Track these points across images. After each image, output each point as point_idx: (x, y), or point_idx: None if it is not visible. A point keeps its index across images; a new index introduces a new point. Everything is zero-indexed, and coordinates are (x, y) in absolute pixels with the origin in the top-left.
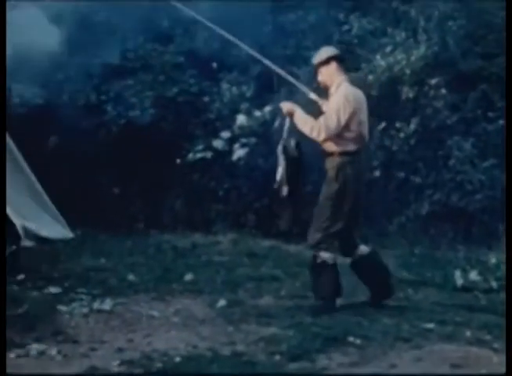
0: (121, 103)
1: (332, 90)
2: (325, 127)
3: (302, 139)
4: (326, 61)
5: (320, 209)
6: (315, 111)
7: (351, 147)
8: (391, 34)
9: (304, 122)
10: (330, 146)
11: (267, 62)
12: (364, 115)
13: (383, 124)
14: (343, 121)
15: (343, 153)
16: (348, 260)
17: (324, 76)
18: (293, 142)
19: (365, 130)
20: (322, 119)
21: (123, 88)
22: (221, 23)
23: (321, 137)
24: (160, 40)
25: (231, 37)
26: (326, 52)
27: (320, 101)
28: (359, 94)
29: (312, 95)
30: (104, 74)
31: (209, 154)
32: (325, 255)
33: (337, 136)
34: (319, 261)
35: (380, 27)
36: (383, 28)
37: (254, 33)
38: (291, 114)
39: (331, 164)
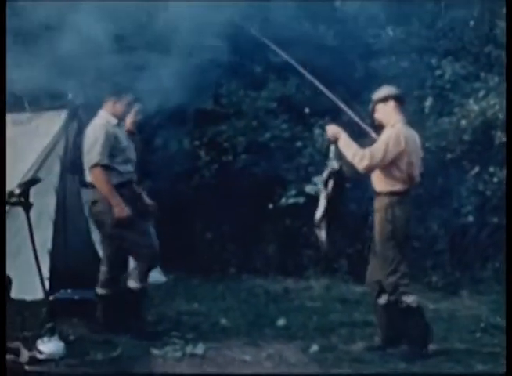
0: (214, 149)
1: (387, 129)
2: (369, 155)
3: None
4: (385, 99)
5: (383, 252)
6: None
7: (400, 187)
8: (484, 79)
9: (348, 146)
10: (379, 185)
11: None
12: (416, 157)
13: (476, 169)
14: (389, 156)
15: (391, 193)
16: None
17: (381, 114)
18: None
19: (416, 172)
20: (368, 148)
21: (216, 133)
22: (314, 69)
23: (363, 164)
24: (253, 85)
25: (320, 86)
26: (385, 90)
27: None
28: (413, 136)
29: (372, 134)
30: (197, 120)
31: (301, 199)
32: (408, 299)
33: (386, 174)
34: (402, 306)
35: (473, 71)
36: (476, 73)
37: (346, 79)
38: (336, 138)
39: (380, 204)
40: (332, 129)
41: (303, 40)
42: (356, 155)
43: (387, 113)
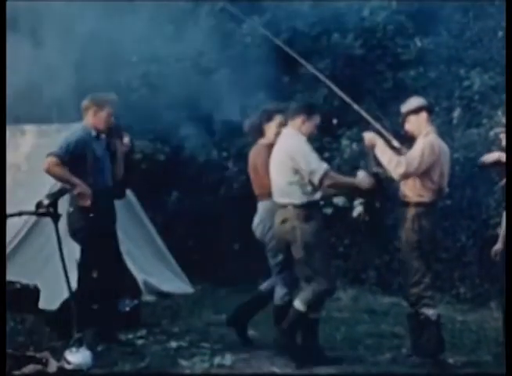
0: (242, 160)
1: (420, 138)
2: (406, 162)
3: None
4: (416, 110)
5: (407, 263)
6: None
7: (428, 198)
8: None
9: (384, 152)
10: (408, 195)
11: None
12: (446, 168)
13: (504, 180)
14: (424, 165)
15: (418, 204)
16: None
17: (412, 125)
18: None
19: (445, 183)
20: (404, 156)
21: (244, 144)
22: (343, 80)
23: (399, 170)
24: (281, 96)
25: (346, 98)
26: (417, 101)
27: (404, 149)
28: (445, 147)
29: (395, 143)
30: (225, 131)
31: (329, 210)
32: (428, 312)
33: (418, 184)
34: (421, 317)
35: (502, 82)
36: (504, 84)
37: (375, 89)
38: (373, 145)
39: (407, 215)
40: (369, 136)
41: (331, 50)
42: (392, 161)
43: (419, 124)
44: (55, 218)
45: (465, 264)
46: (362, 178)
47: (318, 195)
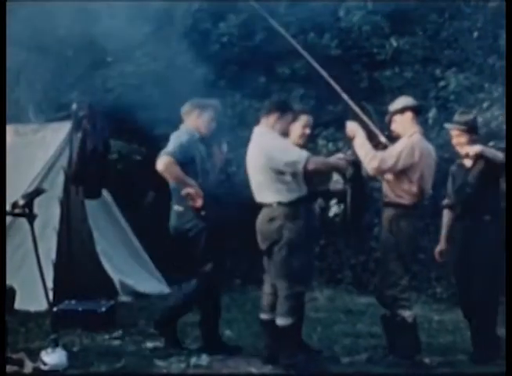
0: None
1: (403, 138)
2: (380, 158)
3: None
4: (402, 110)
5: (385, 264)
6: None
7: (407, 201)
8: (488, 90)
9: (361, 145)
10: (388, 196)
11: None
12: (429, 171)
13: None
14: (400, 165)
15: (398, 205)
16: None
17: (398, 125)
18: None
19: (428, 186)
20: (381, 152)
21: (220, 144)
22: (319, 80)
23: (372, 164)
24: (257, 96)
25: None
26: (403, 101)
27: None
28: (429, 149)
29: (382, 138)
30: None
31: None
32: (405, 313)
33: (397, 185)
34: (398, 319)
35: (477, 82)
36: (480, 84)
37: (351, 89)
38: (353, 136)
39: (386, 216)
40: (351, 125)
41: (307, 50)
42: (368, 155)
43: (404, 124)
44: (31, 218)
45: (441, 264)
46: (341, 157)
47: (304, 191)
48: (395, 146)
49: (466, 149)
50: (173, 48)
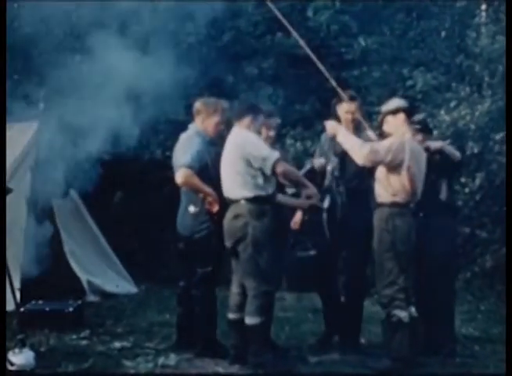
0: None
1: (394, 136)
2: (371, 146)
3: None
4: (394, 111)
5: (381, 264)
6: None
7: (402, 199)
8: (456, 89)
9: (346, 139)
10: (381, 196)
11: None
12: (419, 170)
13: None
14: (390, 157)
15: (392, 205)
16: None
17: (390, 126)
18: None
19: (418, 186)
20: (370, 143)
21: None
22: (287, 79)
23: (363, 151)
24: (225, 96)
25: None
26: (395, 102)
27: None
28: (419, 151)
29: (370, 132)
30: (169, 130)
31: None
32: (401, 314)
33: (387, 184)
34: (394, 320)
35: (445, 82)
36: (447, 83)
37: (318, 89)
38: (335, 133)
39: (380, 216)
40: (330, 124)
41: (275, 49)
42: (356, 145)
43: (396, 125)
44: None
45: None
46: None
47: (270, 189)
48: (386, 140)
49: (428, 144)
50: (140, 48)
